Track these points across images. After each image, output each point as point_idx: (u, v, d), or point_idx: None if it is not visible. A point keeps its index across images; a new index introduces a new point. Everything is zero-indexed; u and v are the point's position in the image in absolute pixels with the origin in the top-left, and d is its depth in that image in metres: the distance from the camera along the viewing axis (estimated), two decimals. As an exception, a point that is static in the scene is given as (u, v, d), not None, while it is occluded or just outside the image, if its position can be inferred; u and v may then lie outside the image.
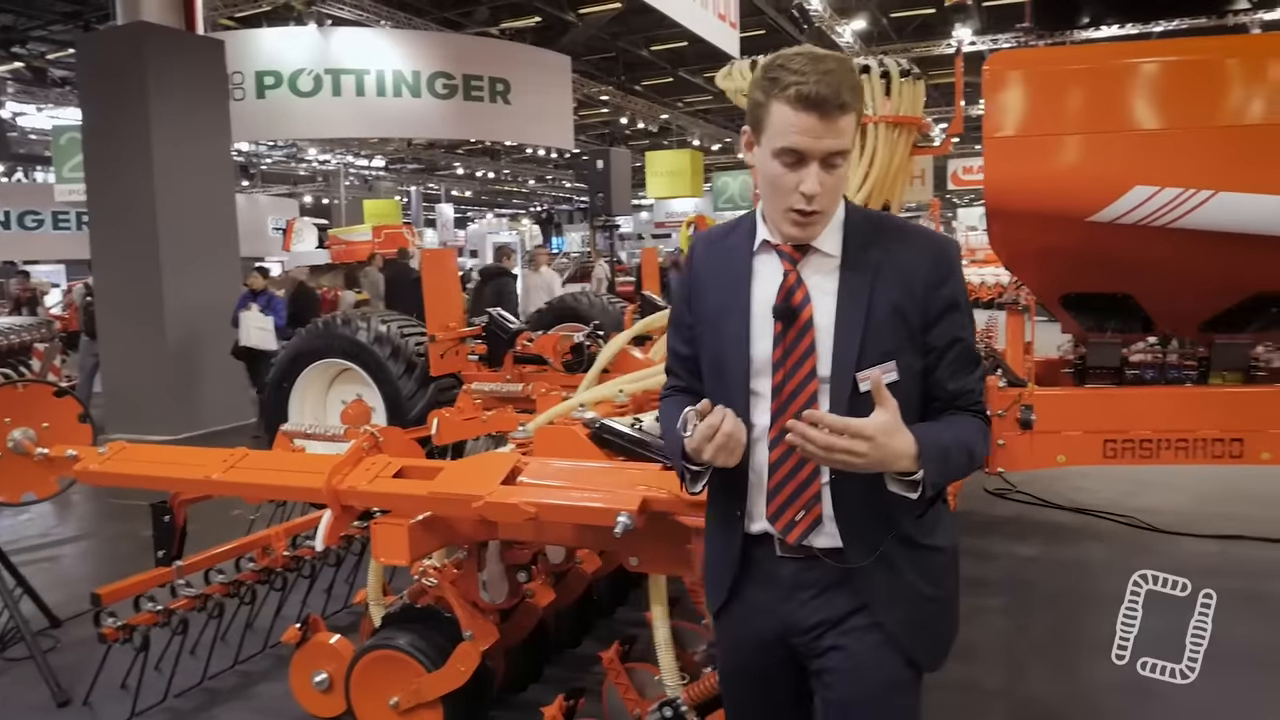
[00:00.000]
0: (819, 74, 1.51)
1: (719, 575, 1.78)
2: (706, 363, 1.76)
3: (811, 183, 1.55)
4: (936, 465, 1.53)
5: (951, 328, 1.65)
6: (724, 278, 1.73)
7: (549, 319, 6.80)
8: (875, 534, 1.64)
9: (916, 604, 1.68)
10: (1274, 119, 3.78)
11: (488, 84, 17.32)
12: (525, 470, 2.52)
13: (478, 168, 34.22)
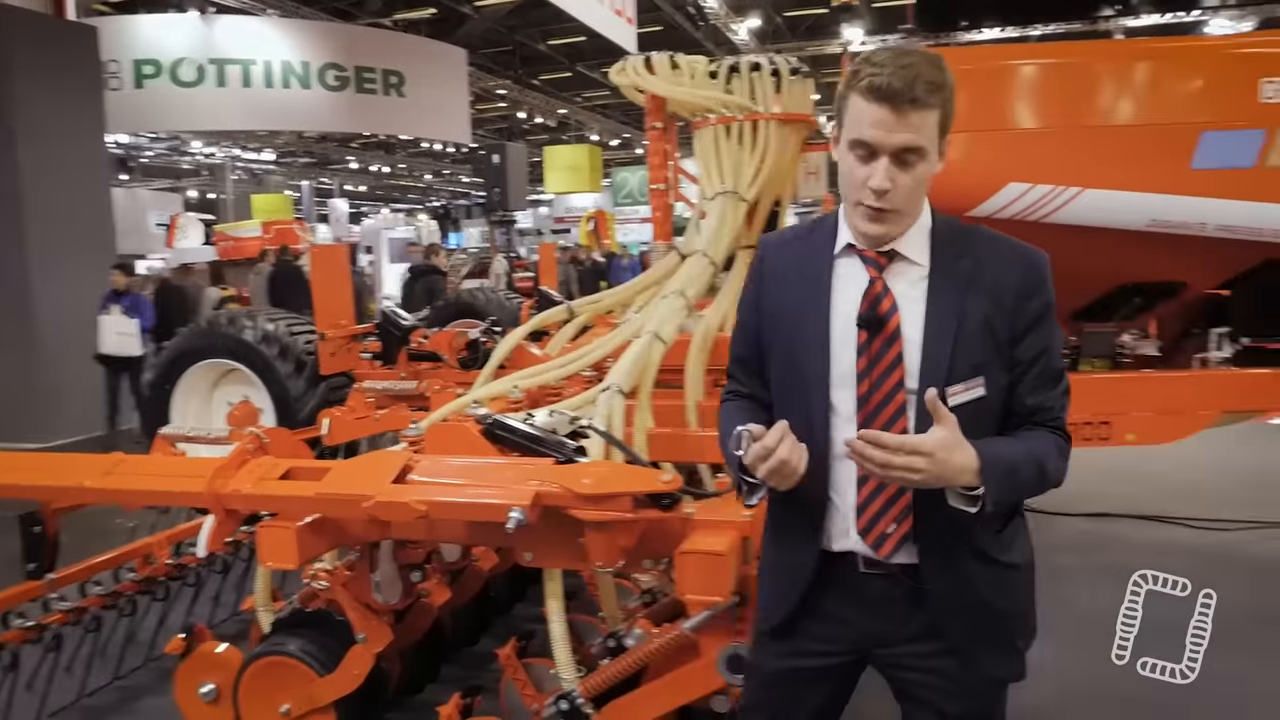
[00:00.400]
0: (896, 67, 1.48)
1: (787, 588, 1.73)
2: (779, 369, 1.70)
3: (880, 177, 1.51)
4: (1000, 481, 1.49)
5: (1039, 341, 1.60)
6: (802, 281, 1.67)
7: (445, 315, 6.70)
8: (952, 550, 1.61)
9: (988, 621, 1.66)
10: (1134, 120, 4.01)
11: (381, 76, 16.97)
12: (416, 468, 2.48)
13: (372, 162, 33.48)
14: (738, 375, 1.81)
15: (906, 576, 1.63)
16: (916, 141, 1.50)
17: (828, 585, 1.69)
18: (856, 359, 1.59)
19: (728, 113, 4.71)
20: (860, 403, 1.59)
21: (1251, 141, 3.87)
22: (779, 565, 1.77)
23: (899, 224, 1.57)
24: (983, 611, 1.64)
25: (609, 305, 5.10)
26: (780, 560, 1.76)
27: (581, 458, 2.50)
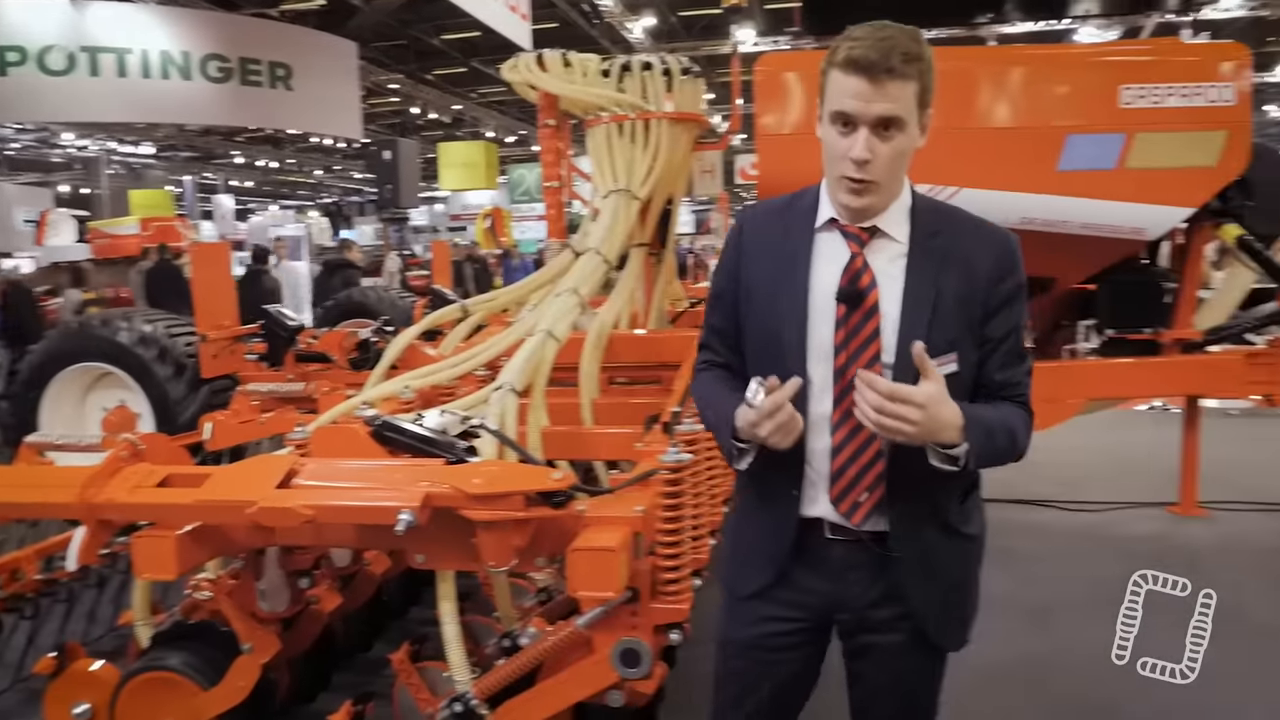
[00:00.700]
0: (874, 40, 1.52)
1: (765, 555, 1.76)
2: (754, 339, 1.72)
3: (860, 148, 1.53)
4: (980, 440, 1.55)
5: (1009, 320, 1.66)
6: (780, 252, 1.69)
7: (335, 314, 6.56)
8: (920, 520, 1.67)
9: (946, 589, 1.73)
10: (1005, 123, 4.20)
11: (267, 68, 16.39)
12: (302, 472, 2.43)
13: (259, 156, 32.39)
14: (713, 345, 1.83)
15: (873, 544, 1.68)
16: (895, 111, 1.53)
17: (798, 554, 1.74)
18: (834, 332, 1.62)
19: (620, 111, 4.73)
20: (836, 375, 1.63)
21: (1112, 145, 4.11)
22: (757, 532, 1.80)
23: (879, 196, 1.60)
24: (942, 580, 1.71)
25: (503, 304, 5.07)
26: (758, 527, 1.79)
27: (473, 458, 2.49)
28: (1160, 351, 4.68)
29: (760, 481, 1.77)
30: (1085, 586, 4.24)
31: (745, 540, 1.84)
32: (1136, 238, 4.31)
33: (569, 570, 2.19)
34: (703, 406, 1.82)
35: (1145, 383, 4.89)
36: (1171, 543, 4.79)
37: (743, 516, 1.86)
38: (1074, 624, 3.86)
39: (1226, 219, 4.49)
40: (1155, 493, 5.42)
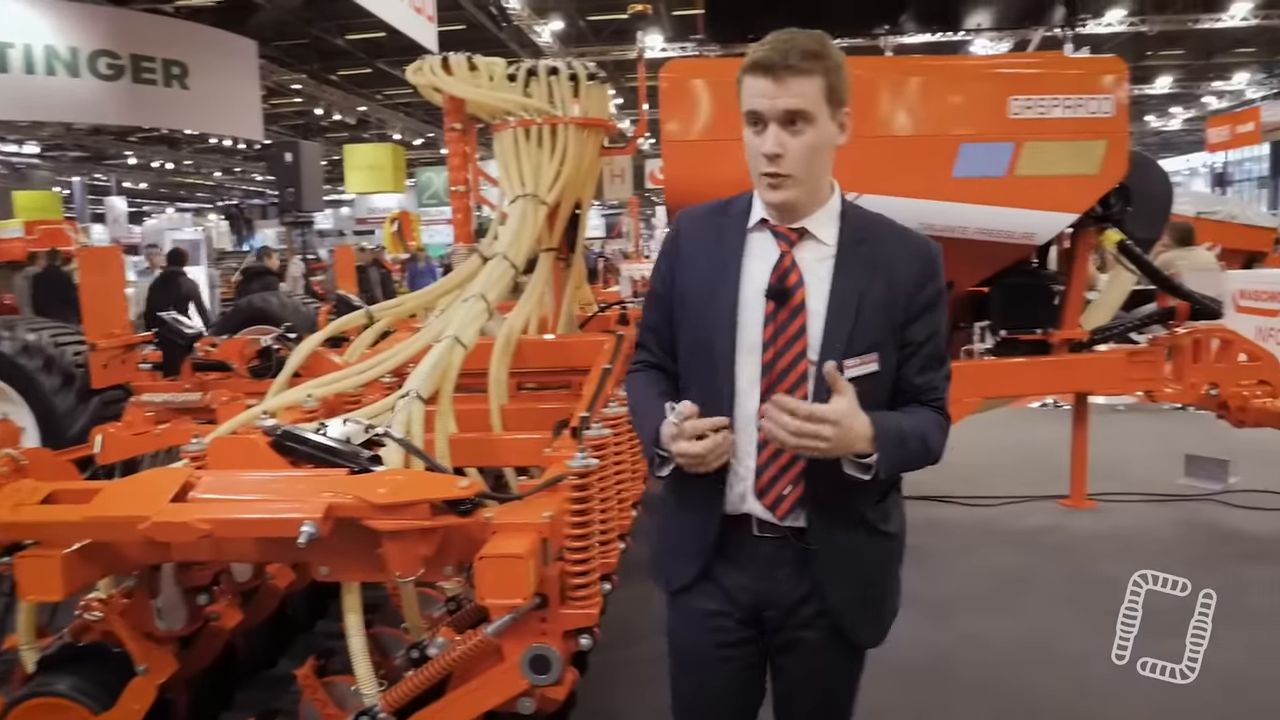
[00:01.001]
0: (775, 42, 1.61)
1: (690, 552, 1.80)
2: (687, 337, 1.77)
3: (770, 142, 1.62)
4: (891, 449, 1.61)
5: (929, 325, 1.73)
6: (715, 252, 1.75)
7: (236, 321, 6.37)
8: (838, 516, 1.72)
9: (863, 586, 1.78)
10: (903, 131, 4.33)
11: (161, 66, 15.79)
12: (198, 485, 2.35)
13: (154, 157, 31.22)
14: (649, 345, 1.88)
15: (796, 539, 1.73)
16: (798, 105, 1.61)
17: (723, 549, 1.78)
18: (763, 328, 1.68)
19: (527, 116, 4.72)
20: (764, 370, 1.68)
21: (1003, 153, 4.28)
22: (682, 529, 1.84)
23: (798, 191, 1.67)
24: (859, 577, 1.77)
25: (410, 309, 4.99)
26: (683, 525, 1.83)
27: (377, 467, 2.45)
28: (1050, 351, 4.89)
29: (686, 478, 1.78)
30: (985, 579, 4.40)
31: (671, 536, 1.88)
32: (1027, 242, 4.49)
33: (477, 578, 2.17)
34: (633, 408, 1.88)
35: (1037, 381, 5.10)
36: (1063, 534, 5.01)
37: (669, 513, 1.89)
38: (976, 616, 4.01)
39: (1108, 224, 4.71)
40: (1048, 486, 5.65)
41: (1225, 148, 32.54)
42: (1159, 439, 6.92)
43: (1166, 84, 29.17)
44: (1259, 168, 41.39)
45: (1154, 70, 27.44)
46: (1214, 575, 4.24)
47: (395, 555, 2.27)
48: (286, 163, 11.75)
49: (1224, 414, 5.02)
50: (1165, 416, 7.56)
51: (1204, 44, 25.42)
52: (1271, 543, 4.77)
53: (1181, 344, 4.99)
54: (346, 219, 36.27)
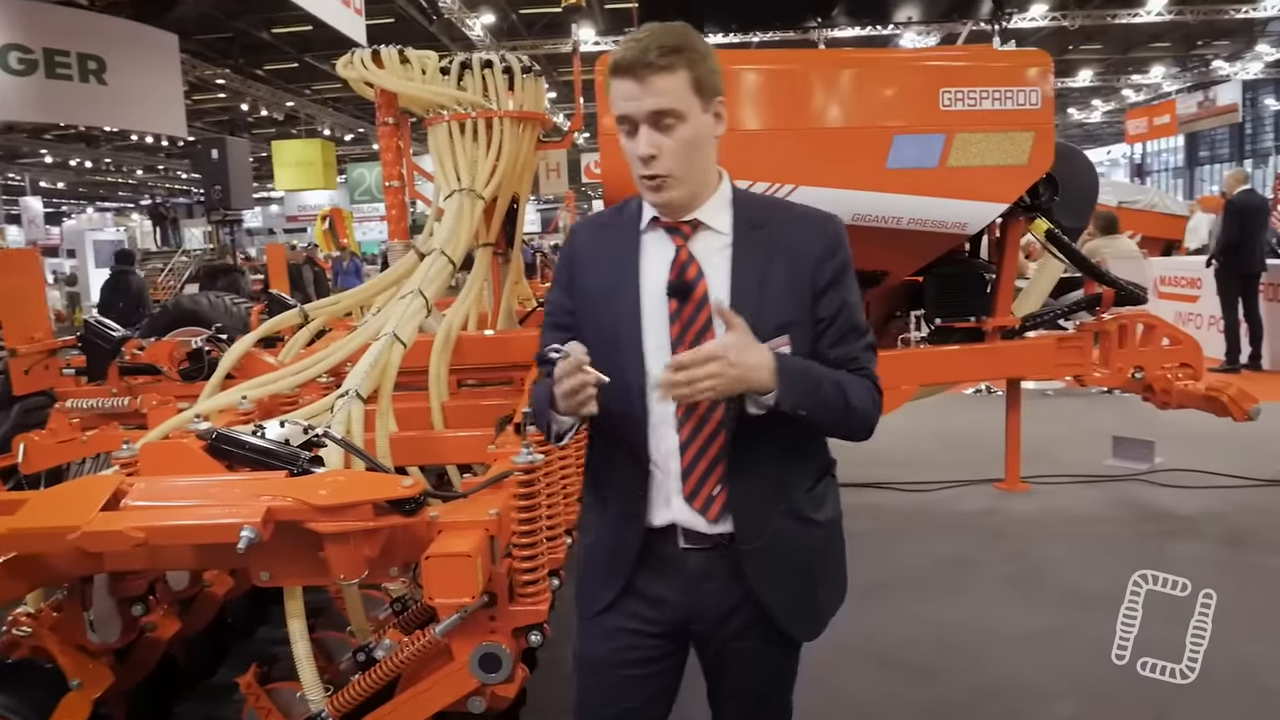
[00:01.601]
0: (631, 42, 1.57)
1: (611, 569, 1.74)
2: (594, 347, 1.65)
3: (643, 144, 1.58)
4: (795, 381, 1.55)
5: (838, 297, 1.68)
6: (611, 258, 1.72)
7: (164, 323, 6.19)
8: (768, 509, 1.68)
9: (796, 578, 1.73)
10: (838, 123, 4.38)
11: (77, 61, 15.23)
12: (131, 492, 2.28)
13: (71, 155, 30.19)
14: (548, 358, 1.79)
15: (725, 544, 1.68)
16: (665, 104, 1.57)
17: (646, 564, 1.73)
18: (669, 327, 1.65)
19: (461, 110, 4.66)
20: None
21: (935, 144, 4.35)
22: (601, 548, 1.78)
23: (681, 189, 1.63)
24: (791, 569, 1.71)
25: (346, 307, 4.91)
26: (604, 540, 1.78)
27: (318, 468, 2.40)
28: (984, 338, 5.00)
29: (605, 493, 1.78)
30: (926, 564, 4.49)
31: (593, 555, 1.82)
32: (959, 232, 4.58)
33: (424, 578, 2.14)
34: (536, 411, 1.79)
35: (971, 368, 5.21)
36: (999, 517, 5.13)
37: (590, 532, 1.84)
38: (919, 601, 4.08)
39: (1036, 213, 4.83)
40: (982, 470, 5.78)
41: (1143, 139, 33.69)
42: (1086, 422, 7.13)
43: (1087, 77, 30.04)
44: (1174, 158, 42.92)
45: (1075, 64, 28.23)
46: (1145, 554, 4.44)
47: (338, 558, 2.23)
48: (213, 160, 11.43)
49: (1149, 396, 5.19)
50: (1091, 400, 7.79)
51: (1122, 39, 26.23)
52: (1195, 520, 4.94)
53: (1108, 330, 5.14)
54: (276, 217, 35.56)
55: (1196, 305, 10.09)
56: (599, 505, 1.81)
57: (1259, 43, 26.52)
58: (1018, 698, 3.25)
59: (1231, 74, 28.61)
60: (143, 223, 32.30)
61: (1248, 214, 8.94)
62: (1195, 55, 28.96)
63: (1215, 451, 5.90)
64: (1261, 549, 4.52)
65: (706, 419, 1.65)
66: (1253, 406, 4.78)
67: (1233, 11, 21.56)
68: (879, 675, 3.44)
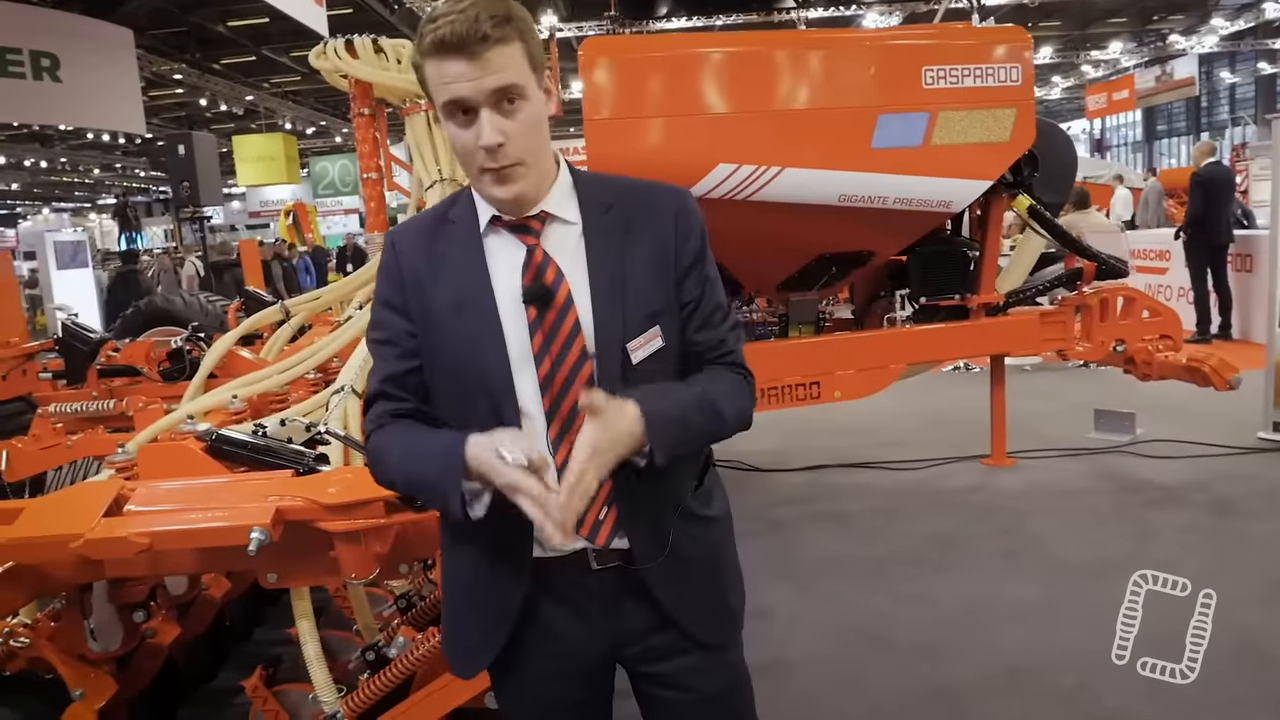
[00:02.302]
0: (454, 14, 1.35)
1: (494, 618, 1.52)
2: (444, 372, 1.49)
3: (489, 132, 1.37)
4: (665, 433, 1.39)
5: (700, 277, 1.54)
6: (453, 268, 1.49)
7: (137, 324, 6.08)
8: (660, 517, 1.52)
9: (697, 581, 1.57)
10: (822, 104, 4.37)
11: (29, 58, 14.87)
12: (133, 497, 2.23)
13: (25, 155, 29.51)
14: (394, 393, 1.52)
15: (627, 563, 1.52)
16: (507, 80, 1.37)
17: (550, 598, 1.53)
18: (530, 339, 1.44)
19: (440, 99, 4.60)
20: (544, 386, 1.45)
21: (919, 123, 4.36)
22: (484, 591, 1.54)
23: (530, 179, 1.44)
24: (691, 572, 1.56)
25: (326, 303, 4.86)
26: (483, 585, 1.53)
27: (324, 466, 2.36)
28: (968, 315, 5.02)
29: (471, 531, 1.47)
30: (917, 541, 4.51)
31: (470, 601, 1.57)
32: (944, 210, 4.59)
33: (439, 575, 2.12)
34: (399, 462, 1.47)
35: (957, 345, 5.24)
36: (987, 493, 5.17)
37: (459, 575, 1.59)
38: (913, 578, 4.11)
39: (1018, 190, 4.86)
40: (967, 447, 5.83)
41: (1103, 114, 34.08)
42: (1066, 396, 7.20)
43: (1047, 54, 30.28)
44: (1133, 133, 43.50)
45: (1036, 41, 28.31)
46: (1131, 525, 4.50)
47: (349, 557, 2.20)
48: (179, 156, 11.19)
49: (1130, 369, 5.25)
50: (1070, 374, 7.88)
51: (1080, 15, 26.46)
52: (1177, 489, 5.01)
53: (1089, 304, 5.19)
54: (238, 213, 35.04)
55: (1166, 277, 10.24)
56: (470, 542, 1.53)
57: (1213, 16, 26.88)
58: (1020, 673, 3.27)
59: (1187, 48, 28.97)
60: (102, 222, 31.69)
61: (1213, 187, 9.06)
62: (1151, 30, 29.29)
63: (1194, 421, 5.99)
64: (1245, 516, 4.58)
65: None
66: (1234, 376, 4.86)
67: (1188, -14, 21.82)
68: (882, 656, 3.46)
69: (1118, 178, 15.23)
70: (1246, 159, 18.58)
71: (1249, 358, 6.66)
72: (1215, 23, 26.91)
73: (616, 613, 1.54)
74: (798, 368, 4.73)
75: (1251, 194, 14.92)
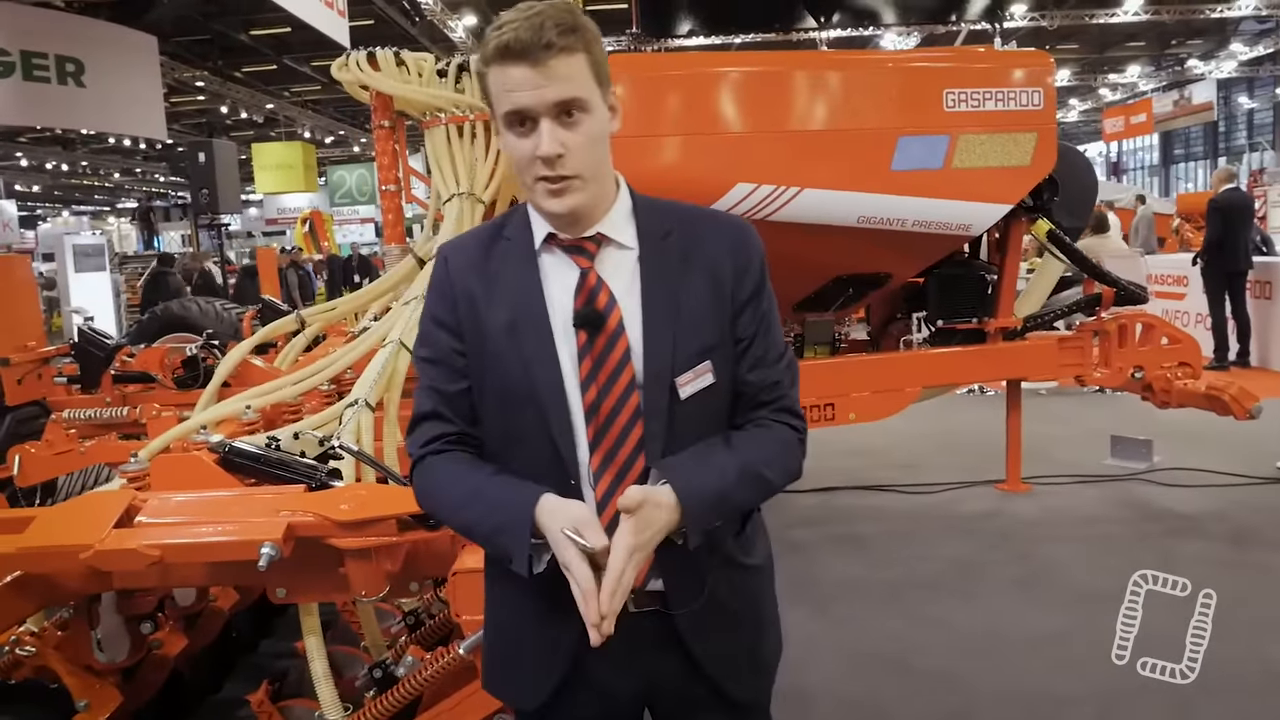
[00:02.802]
0: (520, 20, 1.31)
1: (545, 657, 1.47)
2: (493, 391, 1.43)
3: (548, 142, 1.32)
4: (708, 518, 1.36)
5: (757, 314, 1.47)
6: (507, 286, 1.44)
7: (153, 330, 6.09)
8: (698, 562, 1.43)
9: (734, 631, 1.51)
10: (843, 125, 4.35)
11: (55, 63, 15.02)
12: (144, 509, 2.21)
13: (48, 158, 29.81)
14: (444, 414, 1.47)
15: (663, 606, 1.46)
16: (571, 92, 1.33)
17: (582, 634, 1.41)
18: (579, 364, 1.39)
19: (459, 112, 4.61)
20: (589, 413, 1.39)
21: (939, 146, 4.33)
22: (528, 627, 1.49)
23: (587, 193, 1.39)
24: (728, 622, 1.50)
25: (343, 313, 4.85)
26: (528, 621, 1.49)
27: (336, 482, 2.35)
28: (986, 339, 4.98)
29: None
30: (933, 565, 4.47)
31: (519, 633, 1.52)
32: (963, 233, 4.57)
33: (450, 594, 2.09)
34: (460, 501, 1.42)
35: (974, 369, 5.20)
36: (1002, 518, 5.12)
37: (506, 606, 1.54)
38: (930, 602, 4.06)
39: (1038, 214, 4.82)
40: (982, 471, 5.77)
41: (1120, 137, 33.97)
42: (1082, 421, 7.14)
43: (1065, 77, 30.24)
44: (1150, 156, 43.36)
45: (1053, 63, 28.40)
46: (1150, 554, 4.44)
47: (360, 574, 2.18)
48: (200, 163, 11.23)
49: (1149, 396, 5.20)
50: (1085, 399, 7.81)
51: (1099, 38, 26.43)
52: (1197, 519, 4.95)
53: (1107, 329, 5.15)
54: (255, 220, 35.25)
55: (1184, 303, 10.16)
56: (507, 575, 1.43)
57: (1232, 41, 26.81)
58: (1037, 702, 3.22)
59: (1206, 73, 28.91)
60: (120, 225, 31.92)
61: (1231, 212, 8.99)
62: (1170, 54, 29.24)
63: (1212, 449, 5.92)
64: (1265, 547, 4.52)
65: (626, 468, 1.41)
66: (1254, 405, 4.80)
67: (1207, 11, 21.76)
68: (898, 682, 3.41)
69: (1139, 199, 15.10)
70: (1265, 185, 18.49)
71: (1268, 385, 6.60)
72: (1234, 48, 26.85)
73: (649, 659, 1.48)
74: (813, 389, 4.69)
75: (1270, 220, 14.83)
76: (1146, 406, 5.37)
